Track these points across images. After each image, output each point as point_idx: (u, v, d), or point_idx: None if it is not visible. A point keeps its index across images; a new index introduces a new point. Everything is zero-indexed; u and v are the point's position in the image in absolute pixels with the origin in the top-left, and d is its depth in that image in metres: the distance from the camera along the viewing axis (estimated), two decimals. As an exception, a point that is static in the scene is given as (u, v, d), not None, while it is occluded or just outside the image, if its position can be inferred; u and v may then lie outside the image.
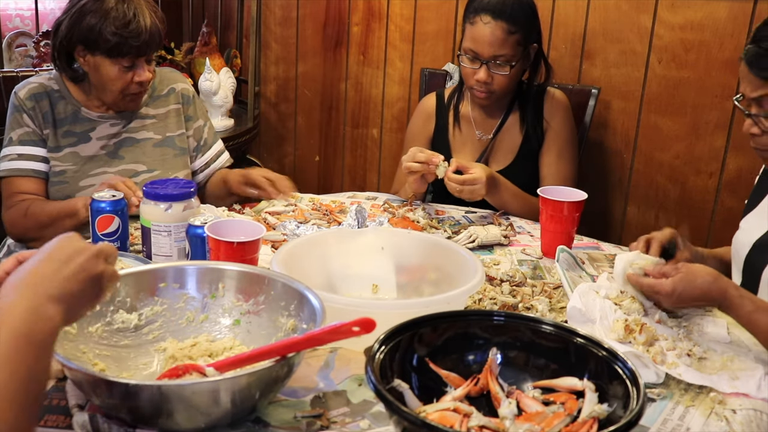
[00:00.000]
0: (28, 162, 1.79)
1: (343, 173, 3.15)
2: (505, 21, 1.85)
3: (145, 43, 1.73)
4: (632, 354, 1.14)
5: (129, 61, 1.75)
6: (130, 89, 1.79)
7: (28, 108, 1.79)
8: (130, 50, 1.72)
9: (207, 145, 2.01)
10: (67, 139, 1.82)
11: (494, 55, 1.87)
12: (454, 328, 1.05)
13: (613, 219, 2.41)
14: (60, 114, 1.82)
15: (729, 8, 2.10)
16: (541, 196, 1.61)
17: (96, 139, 1.84)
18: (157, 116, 1.92)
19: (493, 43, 1.86)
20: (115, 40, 1.70)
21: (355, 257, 1.40)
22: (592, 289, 1.33)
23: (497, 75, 1.89)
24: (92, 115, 1.84)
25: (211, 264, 1.22)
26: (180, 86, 1.98)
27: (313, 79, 3.10)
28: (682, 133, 2.26)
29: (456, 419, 0.91)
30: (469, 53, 1.90)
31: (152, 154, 1.89)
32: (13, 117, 1.81)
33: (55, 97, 1.82)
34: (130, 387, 0.90)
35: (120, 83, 1.77)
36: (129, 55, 1.73)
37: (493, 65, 1.88)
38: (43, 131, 1.80)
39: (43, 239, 1.66)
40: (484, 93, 1.93)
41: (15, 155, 1.79)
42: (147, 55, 1.78)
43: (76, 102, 1.84)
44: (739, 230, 1.49)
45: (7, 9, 3.04)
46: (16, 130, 1.80)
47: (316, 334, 0.97)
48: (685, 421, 1.05)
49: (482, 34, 1.86)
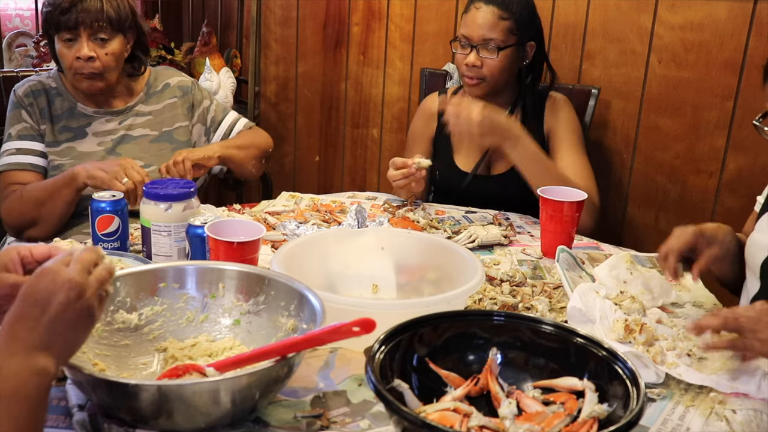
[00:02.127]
0: (27, 156, 1.82)
1: (343, 173, 3.15)
2: (496, 6, 1.87)
3: (75, 12, 1.73)
4: (632, 354, 1.14)
5: (69, 34, 1.76)
6: (76, 66, 1.79)
7: (26, 104, 1.83)
8: (59, 21, 1.74)
9: (216, 123, 2.03)
10: (64, 134, 1.85)
11: (484, 38, 1.87)
12: (454, 328, 1.05)
13: (613, 219, 2.41)
14: (57, 110, 1.85)
15: (729, 8, 2.10)
16: (541, 196, 1.61)
17: (92, 134, 1.87)
18: (152, 113, 1.95)
19: (483, 26, 1.87)
20: (47, 13, 1.76)
21: (355, 257, 1.40)
22: (592, 289, 1.33)
23: (487, 60, 1.89)
24: (88, 111, 1.88)
25: (211, 264, 1.22)
26: (175, 80, 2.01)
27: (313, 79, 3.10)
28: (682, 133, 2.26)
29: (456, 419, 0.91)
30: (461, 39, 1.92)
31: (149, 150, 1.91)
32: (12, 113, 1.85)
33: (52, 94, 1.86)
34: (130, 387, 0.90)
35: (66, 61, 1.79)
36: (62, 27, 1.75)
37: (483, 50, 1.88)
38: (41, 126, 1.83)
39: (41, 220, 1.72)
40: (474, 79, 1.92)
41: (14, 150, 1.83)
42: (86, 28, 1.76)
43: (72, 98, 1.87)
44: (755, 231, 1.42)
45: (7, 9, 3.04)
46: (15, 126, 1.84)
47: (316, 334, 0.97)
48: (685, 421, 1.05)
49: (473, 18, 1.89)
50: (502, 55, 1.89)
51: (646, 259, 1.65)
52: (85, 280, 0.87)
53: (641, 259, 1.64)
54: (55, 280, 0.85)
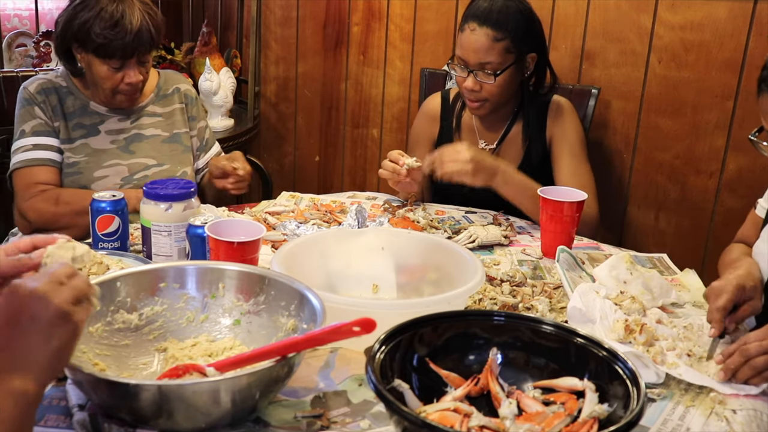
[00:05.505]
0: (44, 152, 1.82)
1: (343, 173, 3.15)
2: (490, 27, 1.81)
3: (131, 45, 1.73)
4: (632, 354, 1.14)
5: (117, 63, 1.76)
6: (120, 89, 1.81)
7: (39, 101, 1.83)
8: (115, 51, 1.73)
9: (208, 146, 2.07)
10: (78, 131, 1.86)
11: (480, 62, 1.83)
12: (454, 328, 1.05)
13: (613, 219, 2.41)
14: (69, 108, 1.86)
15: (729, 8, 2.10)
16: (541, 197, 1.61)
17: (105, 132, 1.88)
18: (163, 114, 1.97)
19: (478, 50, 1.82)
20: (101, 41, 1.72)
21: (355, 257, 1.40)
22: (593, 289, 1.33)
23: (485, 84, 1.86)
24: (101, 110, 1.89)
25: (211, 264, 1.22)
26: (184, 87, 2.04)
27: (313, 79, 3.10)
28: (682, 133, 2.26)
29: (456, 419, 0.91)
30: (458, 61, 1.88)
31: (161, 150, 1.94)
32: (24, 110, 1.83)
33: (63, 92, 1.86)
34: (130, 387, 0.90)
35: (109, 83, 1.79)
36: (115, 56, 1.74)
37: (481, 74, 1.85)
38: (54, 123, 1.84)
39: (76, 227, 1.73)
40: (475, 102, 1.90)
41: (30, 146, 1.82)
42: (136, 57, 1.77)
43: (84, 97, 1.87)
44: (760, 240, 1.41)
45: (6, 9, 3.04)
46: (29, 122, 1.82)
47: (316, 334, 0.97)
48: (685, 421, 1.05)
49: (468, 41, 1.84)
50: (500, 79, 1.85)
51: (646, 259, 1.65)
52: (53, 288, 0.82)
53: (641, 259, 1.64)
54: (18, 294, 0.81)
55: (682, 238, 2.31)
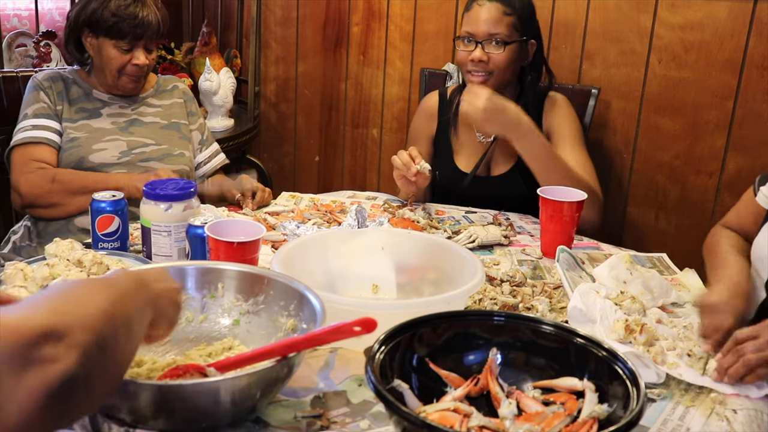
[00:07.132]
0: (43, 131, 1.91)
1: (343, 173, 3.14)
2: (500, 2, 1.89)
3: (142, 26, 1.89)
4: (632, 354, 1.14)
5: (128, 44, 1.91)
6: (127, 70, 1.94)
7: (45, 87, 1.95)
8: (127, 31, 1.88)
9: (209, 141, 2.17)
10: (80, 114, 1.97)
11: (489, 33, 1.88)
12: (454, 328, 1.05)
13: (613, 219, 2.41)
14: (73, 95, 1.99)
15: (729, 8, 2.10)
16: (541, 197, 1.61)
17: (106, 115, 1.99)
18: (162, 106, 2.08)
19: (488, 21, 1.88)
20: (114, 20, 1.88)
21: (355, 257, 1.40)
22: (593, 289, 1.33)
23: (493, 54, 1.89)
24: (103, 97, 2.01)
25: (210, 264, 1.22)
26: (181, 85, 2.17)
27: (313, 79, 3.10)
28: (682, 133, 2.26)
29: (456, 419, 0.91)
30: (465, 36, 1.92)
31: (160, 133, 2.03)
32: (30, 96, 1.96)
33: (69, 82, 2.00)
34: (130, 387, 0.90)
35: (117, 62, 1.92)
36: (127, 37, 1.89)
37: (489, 45, 1.89)
38: (57, 107, 1.95)
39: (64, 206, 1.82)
40: (481, 74, 1.91)
41: (30, 126, 1.91)
42: (144, 41, 1.92)
43: (87, 86, 2.00)
44: (761, 239, 1.38)
45: (6, 9, 3.04)
46: (32, 106, 1.94)
47: (316, 334, 0.97)
48: (685, 421, 1.04)
49: (478, 14, 1.89)
50: (508, 50, 1.90)
51: (646, 259, 1.65)
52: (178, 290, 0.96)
53: (641, 259, 1.64)
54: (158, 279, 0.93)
55: (682, 238, 2.32)
